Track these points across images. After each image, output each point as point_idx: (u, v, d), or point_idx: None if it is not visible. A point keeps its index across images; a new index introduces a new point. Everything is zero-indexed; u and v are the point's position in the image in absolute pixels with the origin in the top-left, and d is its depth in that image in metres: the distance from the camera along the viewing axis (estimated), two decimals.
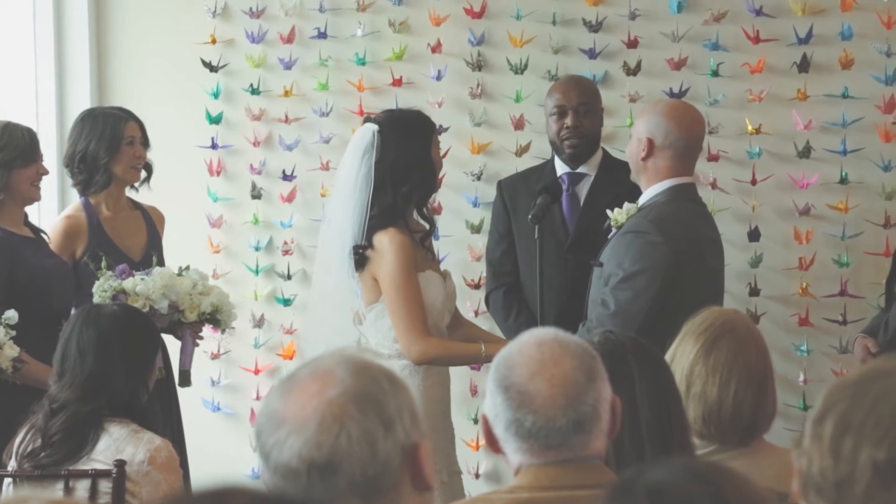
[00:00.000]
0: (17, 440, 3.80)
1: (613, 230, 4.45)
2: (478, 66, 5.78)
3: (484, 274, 5.47)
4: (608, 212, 4.48)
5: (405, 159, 4.54)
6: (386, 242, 4.51)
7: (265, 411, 2.05)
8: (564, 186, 5.06)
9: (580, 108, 5.09)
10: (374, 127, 4.60)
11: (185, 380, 4.81)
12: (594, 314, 4.33)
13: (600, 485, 2.48)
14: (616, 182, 4.86)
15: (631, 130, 4.59)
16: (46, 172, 4.83)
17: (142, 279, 4.63)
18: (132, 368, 3.79)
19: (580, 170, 5.14)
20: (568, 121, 5.07)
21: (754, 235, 5.62)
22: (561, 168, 5.16)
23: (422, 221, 4.65)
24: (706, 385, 3.13)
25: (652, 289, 4.26)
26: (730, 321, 3.21)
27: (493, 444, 2.56)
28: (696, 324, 3.23)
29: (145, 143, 5.03)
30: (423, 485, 2.05)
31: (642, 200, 4.45)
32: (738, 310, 3.54)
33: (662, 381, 2.94)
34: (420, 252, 4.60)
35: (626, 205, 4.44)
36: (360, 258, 4.58)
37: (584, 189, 5.12)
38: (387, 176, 4.54)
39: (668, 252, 4.28)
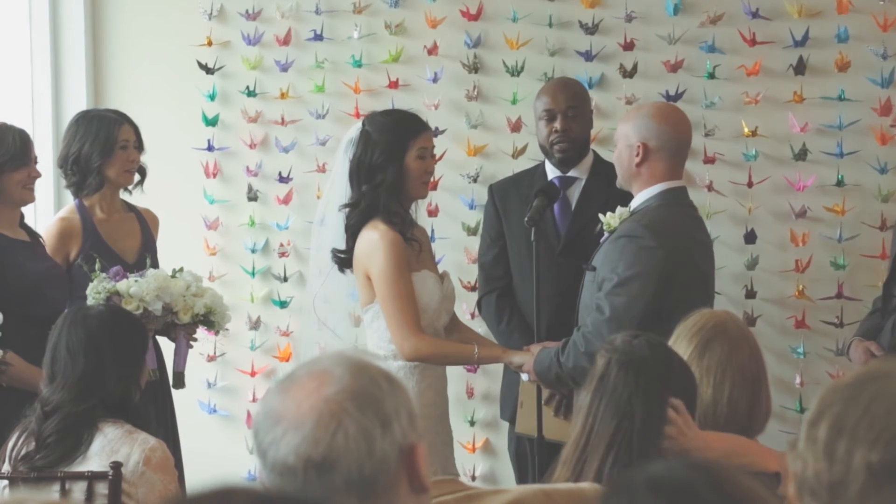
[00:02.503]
0: (10, 444, 3.80)
1: (606, 234, 4.44)
2: (474, 68, 5.78)
3: (477, 276, 5.46)
4: (600, 216, 4.47)
5: (370, 159, 4.54)
6: (377, 239, 4.50)
7: (263, 410, 2.06)
8: (558, 190, 5.04)
9: (569, 111, 5.07)
10: (360, 124, 4.63)
11: (179, 381, 4.81)
12: (589, 319, 4.32)
13: (456, 491, 2.57)
14: (607, 186, 4.84)
15: (615, 137, 4.54)
16: (39, 175, 4.81)
17: (136, 281, 4.63)
18: (123, 367, 3.80)
19: (571, 174, 5.12)
20: (557, 125, 5.06)
21: (750, 238, 5.62)
22: (552, 172, 5.14)
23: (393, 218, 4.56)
24: (701, 386, 3.14)
25: (647, 293, 4.25)
26: (721, 322, 3.22)
27: None
28: (688, 326, 3.23)
29: (139, 146, 5.03)
30: (419, 486, 2.05)
31: (634, 204, 4.43)
32: (730, 311, 3.54)
33: (694, 391, 2.96)
34: (413, 251, 4.58)
35: (619, 209, 4.43)
36: (347, 259, 4.59)
37: (575, 193, 5.10)
38: (353, 173, 4.56)
39: (662, 257, 4.27)
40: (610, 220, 4.42)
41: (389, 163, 4.53)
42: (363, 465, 1.99)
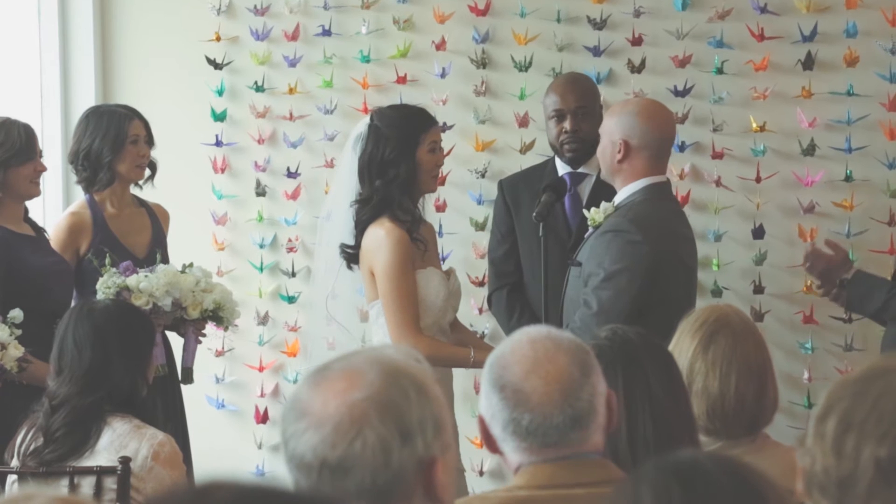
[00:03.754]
0: (18, 440, 3.81)
1: (591, 230, 4.46)
2: (482, 63, 5.78)
3: (488, 271, 5.46)
4: (584, 211, 4.50)
5: (381, 154, 4.54)
6: (382, 236, 4.51)
7: (293, 398, 2.07)
8: (567, 186, 5.05)
9: (578, 111, 5.07)
10: (367, 119, 4.63)
11: (188, 377, 4.82)
12: (577, 315, 4.35)
13: (598, 482, 2.49)
14: None
15: (600, 130, 4.56)
16: (44, 169, 4.82)
17: (145, 276, 4.64)
18: (130, 361, 3.80)
19: (581, 169, 5.13)
20: (566, 125, 5.06)
21: (759, 233, 5.62)
22: (562, 168, 5.15)
23: (403, 215, 4.58)
24: (707, 380, 3.14)
25: (633, 287, 4.29)
26: (724, 315, 3.23)
27: (491, 444, 2.56)
28: (690, 322, 3.24)
29: (150, 141, 5.04)
30: (434, 498, 2.05)
31: (618, 200, 4.47)
32: (731, 305, 3.54)
33: (674, 376, 2.96)
34: (419, 250, 4.58)
35: (603, 204, 4.46)
36: (355, 254, 4.59)
37: (586, 189, 5.10)
38: (364, 169, 4.56)
39: (648, 251, 4.31)
40: (594, 215, 4.45)
41: (402, 157, 4.53)
42: (377, 476, 1.99)
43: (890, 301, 4.61)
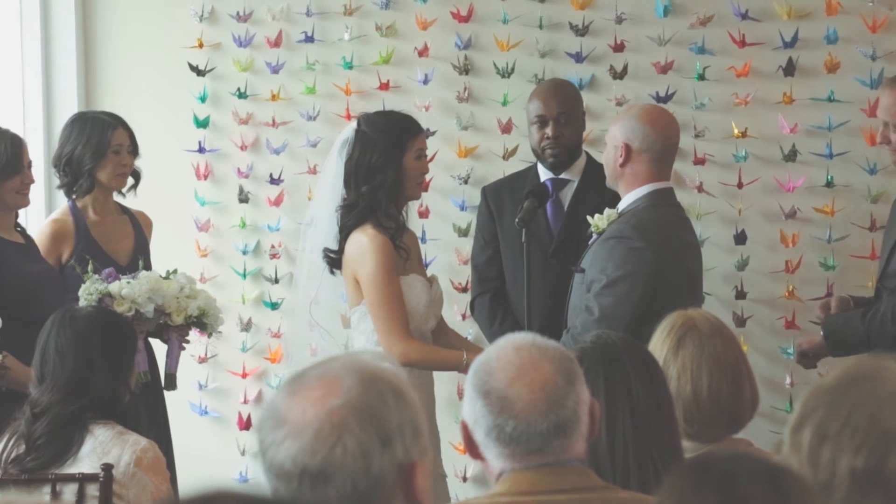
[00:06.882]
0: (0, 447, 3.80)
1: (594, 236, 4.46)
2: (465, 69, 5.78)
3: (471, 277, 5.47)
4: (588, 218, 4.50)
5: (369, 160, 4.54)
6: (366, 243, 4.51)
7: (269, 407, 2.06)
8: (549, 192, 5.06)
9: (560, 117, 5.08)
10: (353, 125, 4.63)
11: (171, 383, 4.81)
12: (579, 320, 4.34)
13: (579, 488, 2.50)
14: (600, 187, 4.85)
15: (605, 137, 4.60)
16: (32, 181, 4.80)
17: (128, 283, 4.63)
18: (112, 367, 3.80)
19: (563, 176, 5.14)
20: (548, 131, 5.08)
21: (741, 238, 5.63)
22: (545, 174, 5.16)
23: (388, 222, 4.58)
24: (679, 383, 3.16)
25: (635, 294, 4.28)
26: (690, 319, 3.25)
27: (473, 450, 2.56)
28: (660, 330, 3.27)
29: (133, 151, 5.02)
30: (413, 501, 2.05)
31: (622, 206, 4.47)
32: (700, 309, 3.55)
33: (655, 378, 2.97)
34: (401, 258, 4.59)
35: (607, 210, 4.46)
36: (338, 259, 4.59)
37: (567, 195, 5.12)
38: (351, 174, 4.56)
39: (651, 257, 4.30)
40: (598, 221, 4.45)
41: (389, 163, 4.54)
42: (358, 482, 1.99)
43: (871, 332, 4.60)
